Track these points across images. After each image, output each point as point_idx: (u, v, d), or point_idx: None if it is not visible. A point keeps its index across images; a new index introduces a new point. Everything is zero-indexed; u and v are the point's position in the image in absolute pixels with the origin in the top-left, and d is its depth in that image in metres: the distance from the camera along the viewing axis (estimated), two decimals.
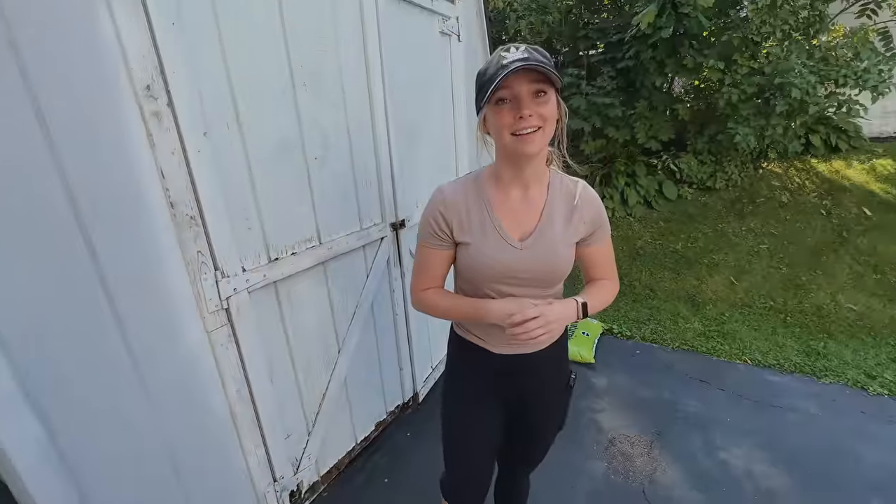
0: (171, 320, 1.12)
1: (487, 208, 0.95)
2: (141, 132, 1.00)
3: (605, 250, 1.03)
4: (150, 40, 0.98)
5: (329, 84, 1.45)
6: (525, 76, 0.80)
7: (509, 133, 0.84)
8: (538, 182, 0.96)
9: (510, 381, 1.06)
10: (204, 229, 1.15)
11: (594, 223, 0.98)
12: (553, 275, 0.97)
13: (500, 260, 0.93)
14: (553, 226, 0.94)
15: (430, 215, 0.98)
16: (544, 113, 0.83)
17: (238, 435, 1.34)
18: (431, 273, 1.03)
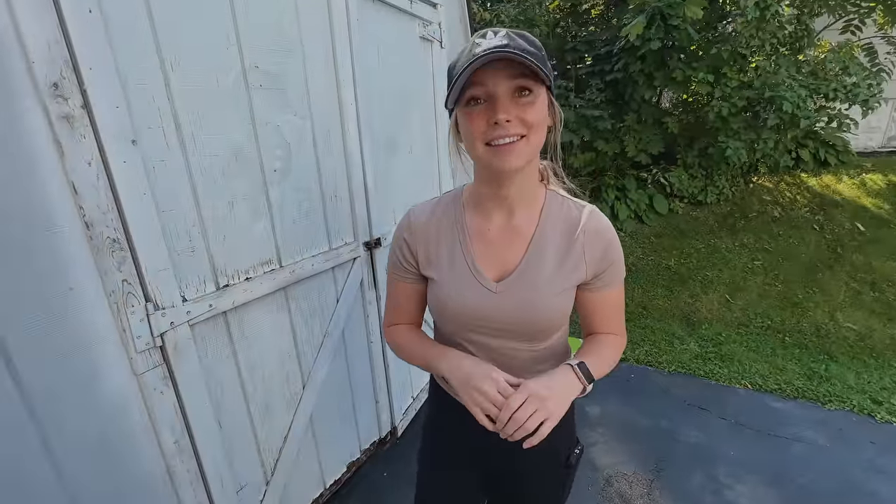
0: (86, 363, 0.93)
1: (461, 237, 0.77)
2: (45, 139, 0.82)
3: (615, 299, 0.79)
4: (58, 27, 0.81)
5: (291, 88, 1.29)
6: (503, 69, 0.61)
7: (482, 143, 0.65)
8: (526, 205, 0.75)
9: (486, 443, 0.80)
10: (131, 254, 0.97)
11: (602, 263, 0.74)
12: (538, 328, 0.75)
13: (469, 304, 0.74)
14: (542, 264, 0.73)
15: (395, 242, 0.83)
16: (528, 117, 0.64)
17: (175, 491, 1.14)
18: (400, 308, 0.87)
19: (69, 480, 0.92)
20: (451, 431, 0.90)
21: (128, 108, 0.93)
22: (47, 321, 0.86)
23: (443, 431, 0.92)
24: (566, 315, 0.77)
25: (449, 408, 0.85)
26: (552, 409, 0.64)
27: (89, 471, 0.95)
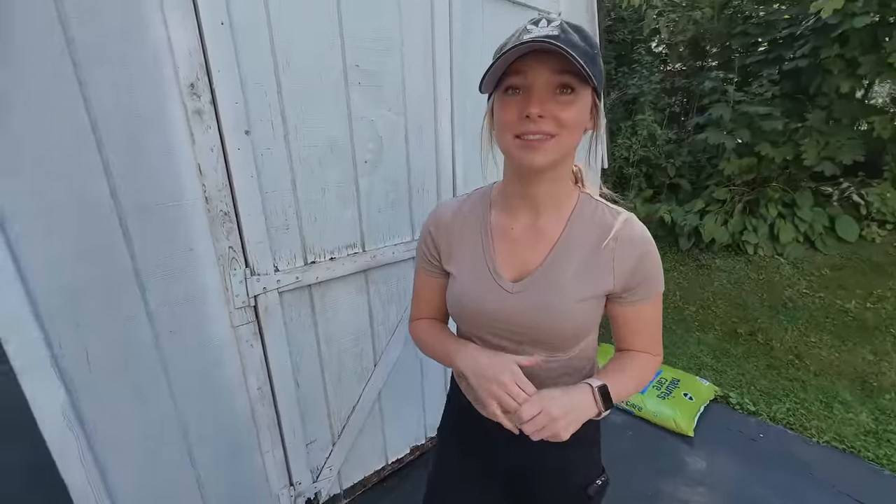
0: (199, 311, 1.15)
1: (483, 235, 0.75)
2: (183, 129, 1.03)
3: (649, 314, 0.72)
4: (198, 39, 1.00)
5: (388, 85, 1.37)
6: (546, 63, 0.58)
7: (512, 134, 0.62)
8: (555, 207, 0.71)
9: (498, 451, 0.81)
10: (237, 226, 1.16)
11: (635, 276, 0.68)
12: (557, 335, 0.70)
13: (483, 303, 0.72)
14: (564, 268, 0.68)
15: (422, 235, 0.83)
16: (563, 117, 0.59)
17: (256, 432, 1.34)
18: (424, 302, 0.87)
19: (177, 397, 1.16)
20: (461, 425, 0.87)
21: (244, 104, 1.10)
22: (173, 271, 1.09)
23: (454, 423, 0.90)
24: (589, 326, 0.72)
25: (461, 401, 0.84)
26: (559, 430, 0.61)
27: (194, 396, 1.19)
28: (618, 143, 4.13)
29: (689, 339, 2.96)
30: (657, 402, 2.22)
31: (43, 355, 0.93)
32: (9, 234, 0.86)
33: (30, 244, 0.89)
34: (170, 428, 1.17)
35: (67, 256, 0.94)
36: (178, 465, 1.20)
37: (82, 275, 0.96)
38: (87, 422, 1.02)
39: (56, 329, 0.95)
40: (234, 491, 1.34)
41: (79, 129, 0.91)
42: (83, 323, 0.98)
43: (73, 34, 0.87)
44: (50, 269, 0.92)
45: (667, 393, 2.29)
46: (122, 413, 1.08)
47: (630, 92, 4.17)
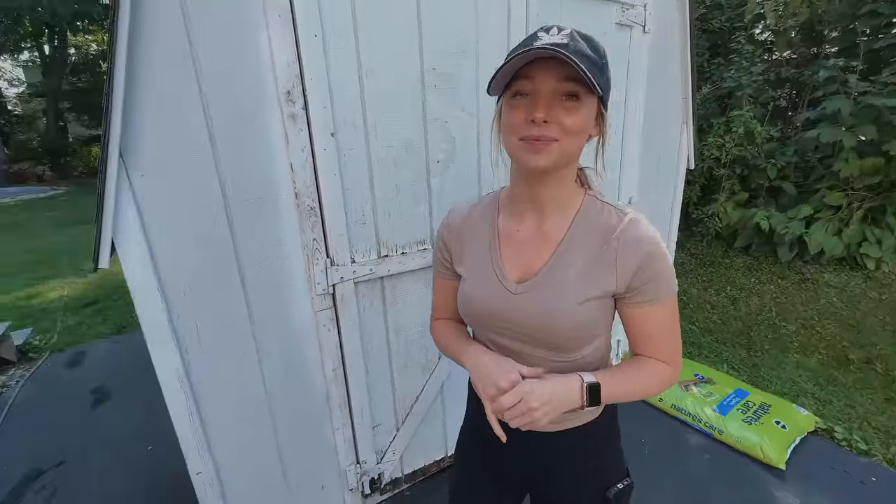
0: (285, 294, 1.28)
1: (491, 237, 0.78)
2: (280, 131, 1.16)
3: (659, 317, 0.70)
4: (295, 51, 1.12)
5: (463, 86, 1.41)
6: (553, 70, 0.60)
7: (517, 137, 0.64)
8: (559, 209, 0.72)
9: (512, 456, 0.82)
10: (321, 220, 1.27)
11: (639, 276, 0.67)
12: (559, 336, 0.70)
13: (488, 303, 0.74)
14: (567, 270, 0.69)
15: (437, 239, 0.87)
16: (568, 124, 0.61)
17: (329, 409, 1.46)
18: (441, 303, 0.91)
19: (264, 371, 1.30)
20: (475, 424, 0.89)
21: (332, 108, 1.20)
22: (267, 260, 1.23)
23: (471, 422, 0.93)
24: (593, 328, 0.71)
25: (475, 400, 0.86)
26: (538, 418, 0.64)
27: (279, 371, 1.33)
28: (708, 141, 3.78)
29: (786, 361, 2.64)
30: (741, 427, 2.01)
31: (164, 325, 1.10)
32: (145, 223, 1.04)
33: (158, 231, 1.06)
34: (258, 395, 1.32)
35: (186, 243, 1.11)
36: (263, 428, 1.35)
37: (196, 259, 1.13)
38: (195, 385, 1.19)
39: (175, 304, 1.12)
40: (307, 460, 1.47)
41: (197, 132, 1.06)
42: (195, 300, 1.15)
43: (197, 53, 1.01)
44: (173, 253, 1.09)
45: (754, 418, 2.07)
46: (222, 380, 1.24)
47: (725, 85, 3.79)
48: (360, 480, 1.60)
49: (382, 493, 1.70)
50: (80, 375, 2.77)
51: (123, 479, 1.92)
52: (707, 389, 2.29)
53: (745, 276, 3.44)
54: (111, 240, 0.99)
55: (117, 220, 1.00)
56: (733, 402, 2.19)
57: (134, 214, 1.01)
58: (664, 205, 2.40)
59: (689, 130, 2.32)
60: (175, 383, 1.15)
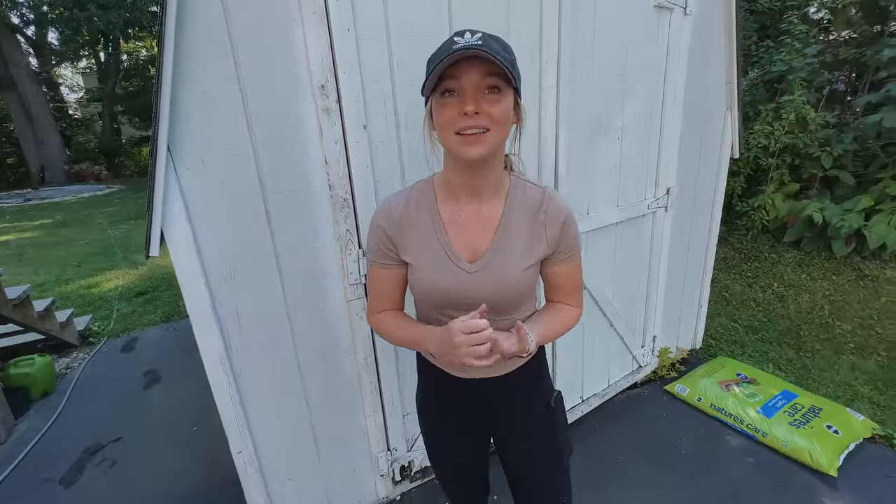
0: (319, 284, 1.32)
1: (435, 224, 0.85)
2: (314, 124, 1.19)
3: (570, 271, 0.89)
4: (329, 46, 1.14)
5: None
6: (476, 67, 0.69)
7: (452, 131, 0.72)
8: (494, 192, 0.84)
9: (474, 403, 0.98)
10: (353, 211, 1.30)
11: (561, 240, 0.84)
12: (509, 301, 0.85)
13: (448, 285, 0.84)
14: (509, 245, 0.83)
15: (374, 233, 0.89)
16: (495, 113, 0.71)
17: (361, 396, 1.50)
18: (383, 294, 0.93)
19: (300, 356, 1.35)
20: (438, 391, 1.01)
21: (364, 101, 1.22)
22: (302, 250, 1.27)
23: (431, 390, 1.03)
24: (532, 288, 0.88)
25: (430, 370, 0.98)
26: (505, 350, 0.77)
27: (314, 357, 1.37)
28: (755, 129, 3.56)
29: (840, 363, 2.47)
30: (788, 430, 1.91)
31: (208, 311, 1.16)
32: (190, 214, 1.10)
33: (202, 222, 1.12)
34: (293, 379, 1.37)
35: (228, 234, 1.16)
36: (299, 411, 1.41)
37: (237, 249, 1.18)
38: (235, 367, 1.25)
39: (217, 291, 1.18)
40: (340, 444, 1.52)
41: (237, 128, 1.11)
42: (236, 288, 1.20)
43: (237, 51, 1.06)
44: (216, 243, 1.15)
45: (803, 421, 1.95)
46: (260, 363, 1.29)
47: (775, 69, 3.54)
48: (391, 467, 1.63)
49: (412, 480, 1.73)
50: (133, 359, 2.98)
51: (172, 455, 2.05)
52: (750, 390, 2.18)
53: (795, 273, 3.24)
54: (160, 230, 1.06)
55: (166, 211, 1.06)
56: (780, 403, 2.07)
57: (181, 206, 1.07)
58: (705, 196, 2.29)
59: (733, 117, 2.19)
60: (218, 366, 1.21)
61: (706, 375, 2.31)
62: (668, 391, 2.31)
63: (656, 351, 2.39)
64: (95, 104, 15.78)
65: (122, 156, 14.68)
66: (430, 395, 1.05)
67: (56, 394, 2.61)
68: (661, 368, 2.42)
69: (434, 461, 1.14)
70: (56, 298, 3.09)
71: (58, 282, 4.49)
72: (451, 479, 1.16)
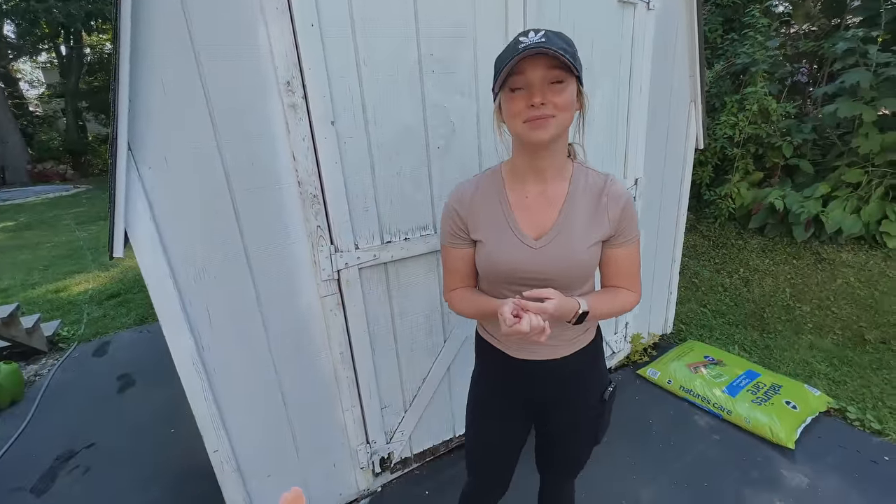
0: (292, 280, 1.33)
1: (503, 205, 0.92)
2: (281, 121, 1.19)
3: (630, 255, 0.93)
4: (293, 41, 1.14)
5: (461, 71, 1.41)
6: (540, 62, 0.76)
7: (521, 121, 0.80)
8: (558, 176, 0.90)
9: (530, 387, 1.02)
10: (324, 207, 1.30)
11: (621, 222, 0.89)
12: (572, 277, 0.90)
13: (515, 260, 0.89)
14: (573, 224, 0.88)
15: (446, 214, 0.98)
16: (558, 102, 0.78)
17: (338, 390, 1.51)
18: (457, 273, 1.01)
19: (273, 351, 1.36)
20: (493, 370, 1.06)
21: (331, 97, 1.23)
22: (273, 247, 1.27)
23: (487, 370, 1.08)
24: (594, 267, 0.92)
25: (489, 350, 1.03)
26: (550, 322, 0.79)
27: (288, 352, 1.38)
28: (721, 120, 3.68)
29: (799, 343, 2.60)
30: (750, 408, 2.01)
31: (178, 311, 1.16)
32: (155, 214, 1.08)
33: (168, 221, 1.11)
34: (268, 376, 1.37)
35: (195, 232, 1.15)
36: (275, 408, 1.41)
37: (205, 248, 1.17)
38: (208, 366, 1.25)
39: (187, 290, 1.17)
40: (319, 439, 1.53)
41: (200, 124, 1.10)
42: (206, 287, 1.20)
43: (196, 43, 1.04)
44: (183, 242, 1.14)
45: (764, 398, 2.06)
46: (234, 361, 1.29)
47: (739, 61, 3.66)
48: (371, 459, 1.66)
49: (392, 471, 1.76)
50: (106, 363, 2.90)
51: (149, 459, 2.02)
52: (716, 371, 2.28)
53: (759, 258, 3.38)
54: (124, 230, 1.04)
55: (129, 211, 1.04)
56: (743, 383, 2.18)
57: (144, 206, 1.06)
58: (672, 186, 2.37)
59: (697, 109, 2.27)
60: (189, 365, 1.21)
61: (676, 359, 2.40)
62: (641, 375, 2.40)
63: (629, 337, 2.47)
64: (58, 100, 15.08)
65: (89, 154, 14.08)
66: (484, 376, 1.10)
67: (25, 401, 2.54)
68: (633, 354, 2.50)
69: (469, 442, 1.15)
70: (21, 304, 2.98)
71: (23, 287, 4.32)
72: (478, 461, 1.14)
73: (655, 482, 1.74)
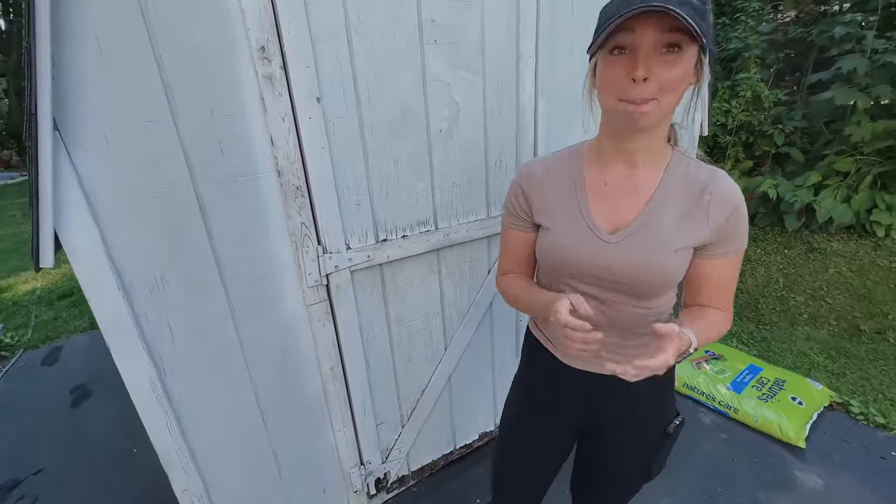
0: (273, 289, 1.12)
1: (577, 188, 0.77)
2: (255, 96, 0.97)
3: (730, 269, 0.75)
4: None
5: (466, 42, 1.22)
6: (655, 21, 0.57)
7: (616, 97, 0.63)
8: (651, 162, 0.73)
9: (583, 402, 0.87)
10: (309, 201, 1.10)
11: (725, 229, 0.71)
12: (651, 284, 0.73)
13: (581, 253, 0.75)
14: (661, 220, 0.71)
15: (511, 191, 0.86)
16: (668, 77, 0.60)
17: (328, 411, 1.33)
18: (512, 256, 0.90)
19: (252, 372, 1.16)
20: (541, 374, 0.92)
21: (315, 68, 1.01)
22: (248, 248, 1.06)
23: (534, 372, 0.94)
24: (679, 276, 0.74)
25: (540, 350, 0.89)
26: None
27: (269, 371, 1.18)
28: (713, 107, 3.61)
29: (796, 334, 2.57)
30: (757, 405, 1.94)
31: (131, 330, 0.94)
32: (95, 211, 0.86)
33: (113, 219, 0.89)
34: (247, 401, 1.17)
35: (149, 232, 0.93)
36: (255, 436, 1.22)
37: (164, 251, 0.96)
38: (173, 393, 1.04)
39: (142, 304, 0.95)
40: (307, 466, 1.35)
41: (152, 98, 0.87)
42: (166, 298, 0.98)
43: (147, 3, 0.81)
44: (134, 246, 0.92)
45: (770, 395, 2.00)
46: (204, 385, 1.09)
47: (731, 46, 3.59)
48: (365, 482, 1.49)
49: (389, 491, 1.60)
50: (57, 373, 2.60)
51: (108, 485, 1.79)
52: (719, 366, 2.21)
53: (751, 248, 3.35)
54: (53, 233, 0.82)
55: (59, 209, 0.82)
56: (747, 378, 2.12)
57: (79, 200, 0.83)
58: None
59: (703, 90, 2.15)
60: (149, 395, 1.00)
61: None
62: None
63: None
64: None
65: None
66: (529, 380, 0.95)
67: None
68: None
69: (498, 454, 1.03)
70: None
71: None
72: (507, 476, 1.02)
73: (670, 491, 1.64)
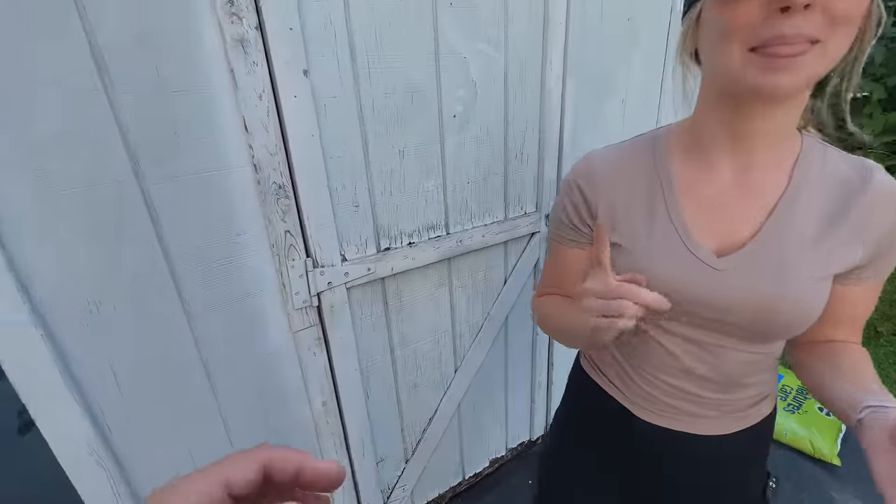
0: (250, 314, 0.89)
1: (665, 191, 0.55)
2: (221, 66, 0.74)
3: (874, 294, 0.55)
4: None
5: (486, 7, 1.00)
6: None
7: (745, 45, 0.42)
8: (775, 152, 0.50)
9: (651, 465, 0.64)
10: (295, 203, 0.87)
11: (882, 244, 0.49)
12: (775, 324, 0.51)
13: (679, 283, 0.52)
14: (794, 235, 0.49)
15: (565, 192, 0.63)
16: (841, 8, 0.38)
17: (320, 448, 1.11)
18: (563, 278, 0.67)
19: (234, 431, 0.93)
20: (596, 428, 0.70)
21: (301, 31, 0.78)
22: (216, 263, 0.83)
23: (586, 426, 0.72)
24: (818, 313, 0.51)
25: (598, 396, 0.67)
26: None
27: (250, 424, 0.95)
28: None
29: None
30: (784, 416, 1.81)
31: (54, 375, 0.70)
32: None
33: (24, 229, 0.65)
34: (219, 447, 0.94)
35: (78, 245, 0.69)
36: None
37: (99, 269, 0.72)
38: (119, 452, 0.81)
39: (70, 340, 0.72)
40: None
41: (75, 60, 0.63)
42: (105, 330, 0.75)
43: None
44: (56, 263, 0.68)
45: (795, 405, 1.87)
46: (161, 434, 0.86)
47: None
48: None
49: None
50: None
51: None
52: None
53: None
54: None
55: None
56: None
57: None
58: None
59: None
60: (85, 458, 0.76)
61: None
62: None
63: None
64: None
65: None
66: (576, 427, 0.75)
67: None
68: None
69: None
70: None
71: None
72: None
73: None
